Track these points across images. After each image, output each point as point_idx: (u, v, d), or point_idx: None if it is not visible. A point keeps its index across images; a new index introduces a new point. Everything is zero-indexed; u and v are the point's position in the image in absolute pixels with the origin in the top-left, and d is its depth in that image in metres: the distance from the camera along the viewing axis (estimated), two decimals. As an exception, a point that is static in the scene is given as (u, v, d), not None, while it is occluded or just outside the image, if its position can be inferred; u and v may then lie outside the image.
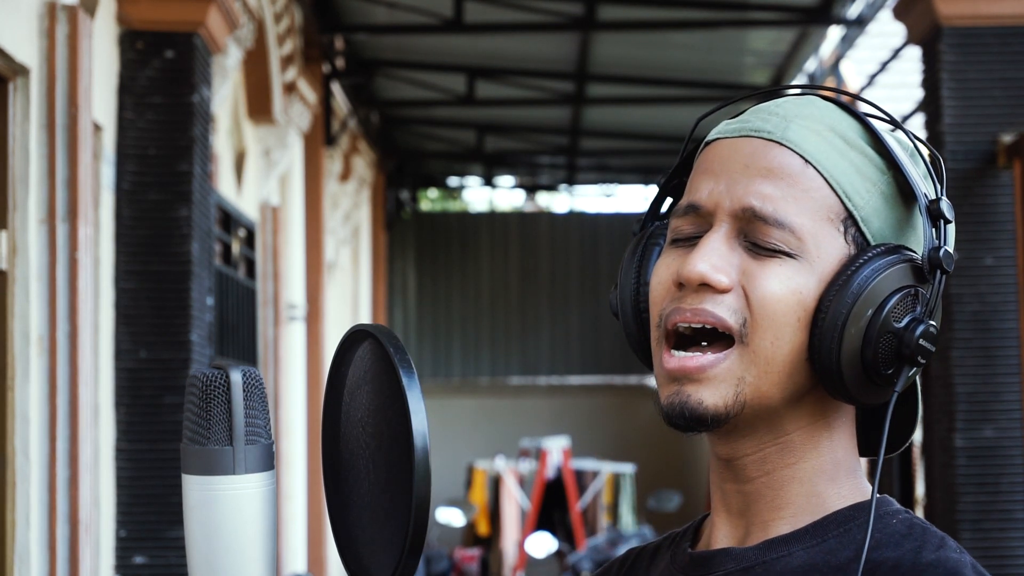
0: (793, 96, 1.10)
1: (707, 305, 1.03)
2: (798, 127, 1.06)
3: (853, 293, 1.01)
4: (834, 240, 1.04)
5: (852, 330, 1.01)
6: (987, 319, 5.08)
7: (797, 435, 1.06)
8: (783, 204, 1.03)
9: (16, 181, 3.85)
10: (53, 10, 4.00)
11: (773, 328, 1.02)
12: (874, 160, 1.06)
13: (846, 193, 1.04)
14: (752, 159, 1.05)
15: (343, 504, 1.04)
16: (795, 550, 1.05)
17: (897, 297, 1.02)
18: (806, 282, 1.03)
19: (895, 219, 1.06)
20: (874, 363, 1.02)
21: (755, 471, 1.07)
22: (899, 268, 1.03)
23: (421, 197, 16.63)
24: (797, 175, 1.04)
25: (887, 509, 1.07)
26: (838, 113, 1.07)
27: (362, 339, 1.03)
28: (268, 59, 6.85)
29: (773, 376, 1.03)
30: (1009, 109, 5.12)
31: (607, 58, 9.30)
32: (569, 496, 11.12)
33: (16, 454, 3.79)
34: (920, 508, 6.49)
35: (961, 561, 1.01)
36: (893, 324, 1.02)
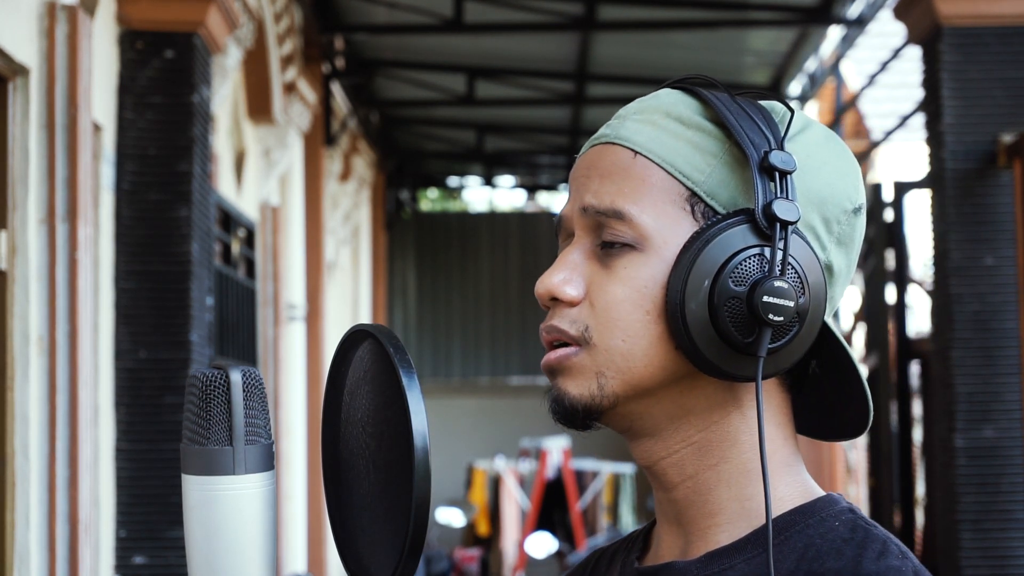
0: (650, 94, 1.10)
1: (554, 321, 1.05)
2: (632, 122, 1.07)
3: (685, 268, 1.00)
4: (683, 222, 1.03)
5: (692, 305, 1.00)
6: (987, 319, 5.07)
7: (711, 432, 1.05)
8: (616, 196, 1.04)
9: (16, 181, 3.85)
10: (53, 10, 4.00)
11: (620, 327, 1.03)
12: (713, 133, 1.04)
13: (682, 172, 1.03)
14: (591, 164, 1.07)
15: (343, 504, 1.04)
16: (736, 562, 1.03)
17: (736, 260, 1.00)
18: (653, 273, 1.02)
19: (745, 185, 1.03)
20: (727, 333, 1.00)
21: (675, 476, 1.06)
22: (735, 231, 1.00)
23: (421, 197, 16.64)
24: (629, 167, 1.05)
25: (831, 510, 1.04)
26: (677, 97, 1.07)
27: (362, 339, 1.03)
28: (268, 59, 6.85)
29: (639, 368, 1.03)
30: (1009, 109, 5.12)
31: (607, 58, 9.30)
32: (569, 496, 11.12)
33: (16, 454, 3.79)
34: (920, 508, 6.49)
35: (902, 570, 0.98)
36: (733, 288, 0.99)
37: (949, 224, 5.10)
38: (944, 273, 5.14)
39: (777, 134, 1.03)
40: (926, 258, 8.58)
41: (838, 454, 9.89)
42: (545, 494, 11.20)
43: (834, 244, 1.06)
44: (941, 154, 5.15)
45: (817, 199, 1.04)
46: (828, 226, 1.05)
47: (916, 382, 6.95)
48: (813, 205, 1.04)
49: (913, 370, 6.70)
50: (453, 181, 15.20)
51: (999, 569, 5.02)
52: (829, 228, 1.05)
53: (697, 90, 1.07)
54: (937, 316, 5.29)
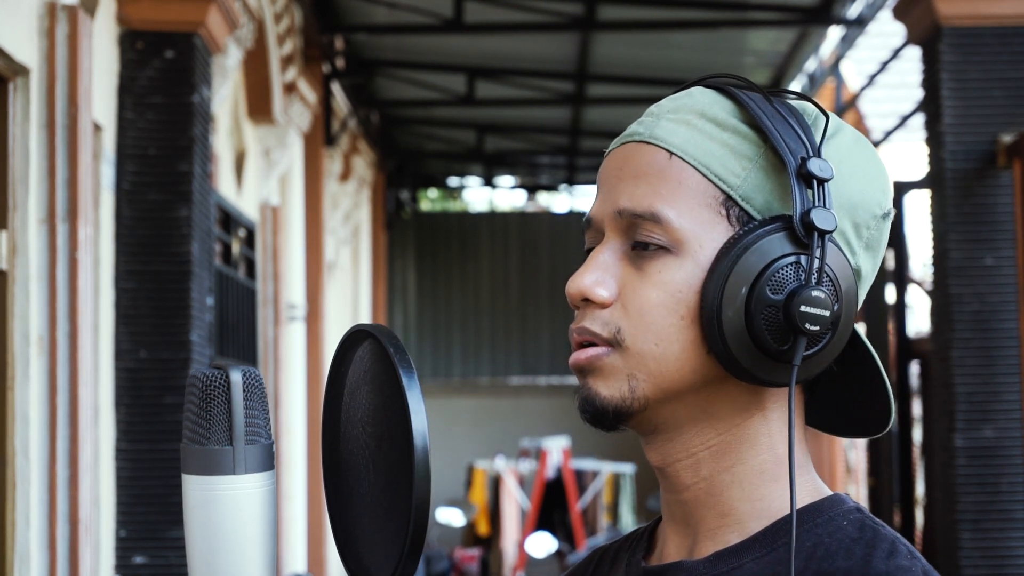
0: (681, 91, 1.09)
1: (586, 323, 1.04)
2: (667, 122, 1.06)
3: (723, 274, 1.00)
4: (717, 226, 1.02)
5: (729, 312, 1.00)
6: (987, 319, 5.07)
7: (731, 435, 1.05)
8: (654, 199, 1.03)
9: (16, 181, 3.85)
10: (53, 10, 4.00)
11: (653, 331, 1.02)
12: (749, 136, 1.04)
13: (717, 175, 1.03)
14: (624, 164, 1.06)
15: (343, 504, 1.04)
16: (745, 561, 1.03)
17: (774, 268, 1.00)
18: (687, 277, 1.02)
19: (782, 190, 1.03)
20: (763, 340, 1.00)
21: (690, 477, 1.06)
22: (772, 239, 1.00)
23: (421, 197, 16.63)
24: (664, 169, 1.04)
25: (838, 509, 1.04)
26: (711, 97, 1.07)
27: (362, 339, 1.03)
28: (268, 59, 6.85)
29: (671, 372, 1.02)
30: (1009, 109, 5.12)
31: (607, 58, 9.30)
32: (569, 496, 11.12)
33: (16, 454, 3.79)
34: (920, 508, 6.49)
35: (911, 570, 0.98)
36: (770, 296, 0.99)
37: (949, 224, 5.10)
38: (944, 273, 5.14)
39: (812, 140, 1.03)
40: (926, 258, 8.58)
41: (838, 454, 9.89)
42: (545, 494, 11.20)
43: (863, 249, 1.06)
44: (941, 154, 5.15)
45: (849, 204, 1.04)
46: (858, 231, 1.05)
47: (916, 382, 6.95)
48: (845, 211, 1.04)
49: (913, 370, 6.70)
50: (453, 181, 15.20)
51: (999, 569, 5.02)
52: (859, 233, 1.05)
53: (732, 91, 1.06)
54: (937, 316, 5.29)
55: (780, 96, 1.07)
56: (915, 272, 7.93)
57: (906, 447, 6.47)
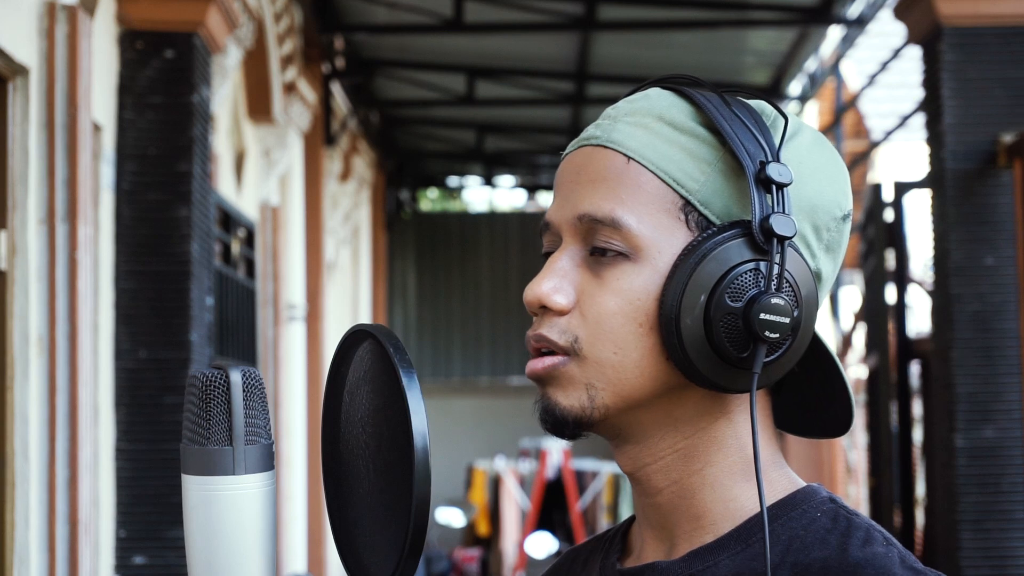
0: (638, 93, 1.08)
1: (543, 330, 1.03)
2: (624, 125, 1.04)
3: (681, 282, 0.99)
4: (676, 231, 1.01)
5: (688, 320, 0.99)
6: (987, 319, 5.07)
7: (698, 438, 1.04)
8: (613, 205, 1.02)
9: (16, 181, 3.85)
10: (53, 10, 4.00)
11: (612, 339, 1.01)
12: (707, 139, 1.02)
13: (676, 180, 1.01)
14: (582, 167, 1.05)
15: (343, 504, 1.04)
16: (721, 559, 1.03)
17: (733, 274, 0.99)
18: (646, 284, 1.01)
19: (740, 194, 1.02)
20: (723, 348, 0.99)
21: (660, 481, 1.05)
22: (731, 245, 0.99)
23: (421, 197, 16.64)
24: (622, 174, 1.03)
25: (812, 501, 1.04)
26: (669, 99, 1.05)
27: (362, 339, 1.03)
28: (268, 59, 6.85)
29: (631, 380, 1.02)
30: (1009, 109, 5.12)
31: (607, 58, 9.30)
32: (569, 496, 11.12)
33: (16, 454, 3.79)
34: (920, 508, 6.48)
35: (888, 556, 0.99)
36: (729, 304, 0.98)
37: (949, 224, 5.10)
38: (944, 273, 5.14)
39: (771, 143, 1.01)
40: (926, 258, 8.58)
41: (838, 454, 9.89)
42: (545, 494, 11.20)
43: (823, 251, 1.05)
44: (941, 154, 5.15)
45: (808, 207, 1.03)
46: (818, 234, 1.04)
47: (916, 382, 6.95)
48: (804, 213, 1.03)
49: (913, 370, 6.69)
50: (453, 181, 15.21)
51: (999, 569, 5.02)
52: (819, 236, 1.04)
53: (689, 92, 1.05)
54: (937, 316, 5.29)
55: (738, 96, 1.06)
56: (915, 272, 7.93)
57: (906, 447, 6.47)
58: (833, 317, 11.02)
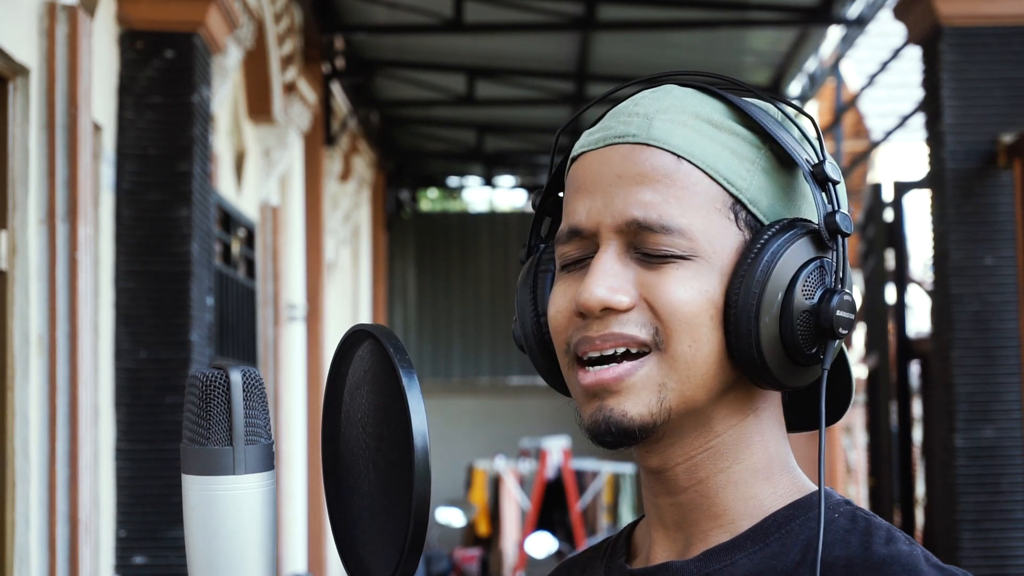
0: (648, 90, 1.06)
1: (614, 328, 1.00)
2: (662, 122, 1.02)
3: (759, 281, 0.98)
4: (727, 230, 1.00)
5: (766, 319, 0.98)
6: (987, 319, 5.07)
7: (728, 436, 1.03)
8: (666, 208, 1.00)
9: (16, 181, 3.85)
10: (53, 10, 4.00)
11: (689, 331, 0.99)
12: (747, 137, 1.02)
13: (727, 179, 1.01)
14: (623, 167, 1.01)
15: (343, 504, 1.04)
16: (738, 558, 1.02)
17: (804, 273, 0.99)
18: (708, 281, 1.00)
19: (782, 192, 1.02)
20: (796, 346, 0.99)
21: (687, 480, 1.04)
22: (799, 243, 0.99)
23: (421, 197, 16.64)
24: (673, 173, 1.00)
25: (827, 503, 1.03)
26: (697, 97, 1.04)
27: (362, 339, 1.02)
28: (268, 59, 6.85)
29: (697, 379, 1.00)
30: (1009, 109, 5.12)
31: (607, 58, 9.30)
32: (569, 496, 11.12)
33: (16, 454, 3.79)
34: (920, 508, 6.49)
35: (913, 554, 0.98)
36: (806, 302, 0.99)
37: (949, 224, 5.10)
38: (944, 273, 5.14)
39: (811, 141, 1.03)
40: (926, 258, 8.58)
41: (838, 454, 9.89)
42: (545, 494, 11.20)
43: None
44: (941, 154, 5.14)
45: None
46: None
47: (916, 382, 6.95)
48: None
49: (913, 370, 6.70)
50: (453, 181, 15.21)
51: (999, 569, 5.02)
52: None
53: (718, 91, 1.04)
54: (937, 316, 5.29)
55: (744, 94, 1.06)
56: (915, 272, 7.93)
57: (906, 447, 6.47)
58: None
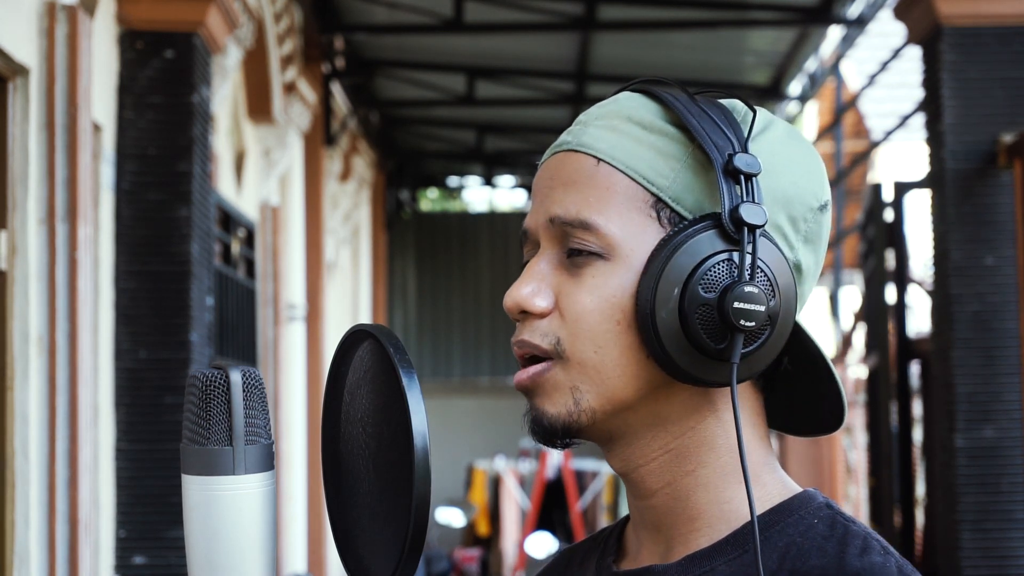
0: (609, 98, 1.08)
1: (524, 335, 1.05)
2: (594, 129, 1.05)
3: (654, 276, 1.00)
4: (649, 229, 1.02)
5: (663, 314, 0.99)
6: (987, 319, 5.07)
7: (688, 438, 1.04)
8: (583, 206, 1.02)
9: (16, 181, 3.85)
10: (53, 10, 4.00)
11: (591, 338, 1.02)
12: (675, 136, 1.03)
13: (645, 177, 1.02)
14: (555, 173, 1.06)
15: (343, 504, 1.04)
16: (717, 564, 1.02)
17: (705, 266, 0.99)
18: (621, 282, 1.01)
19: (711, 188, 1.02)
20: (699, 340, 0.99)
21: (653, 483, 1.05)
22: (702, 237, 1.00)
23: (421, 197, 16.64)
24: (592, 175, 1.03)
25: (808, 507, 1.03)
26: (638, 101, 1.06)
27: (362, 339, 1.03)
28: (268, 59, 6.85)
29: (614, 380, 1.02)
30: (1009, 109, 5.12)
31: (607, 58, 9.31)
32: (569, 496, 11.12)
33: (16, 454, 3.79)
34: (920, 508, 6.49)
35: (886, 566, 0.98)
36: (703, 295, 0.99)
37: (949, 224, 5.10)
38: (944, 273, 5.14)
39: (740, 135, 1.02)
40: (926, 258, 8.58)
41: (838, 454, 9.89)
42: (545, 494, 11.21)
43: (802, 243, 1.05)
44: (941, 154, 5.15)
45: (783, 199, 1.04)
46: (795, 225, 1.04)
47: (916, 382, 6.95)
48: (779, 205, 1.03)
49: (913, 370, 6.69)
50: (453, 181, 15.21)
51: (999, 569, 5.02)
52: (796, 227, 1.04)
53: (657, 92, 1.06)
54: (937, 316, 5.29)
55: (708, 94, 1.06)
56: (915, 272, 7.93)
57: (906, 447, 6.47)
58: (833, 317, 11.03)
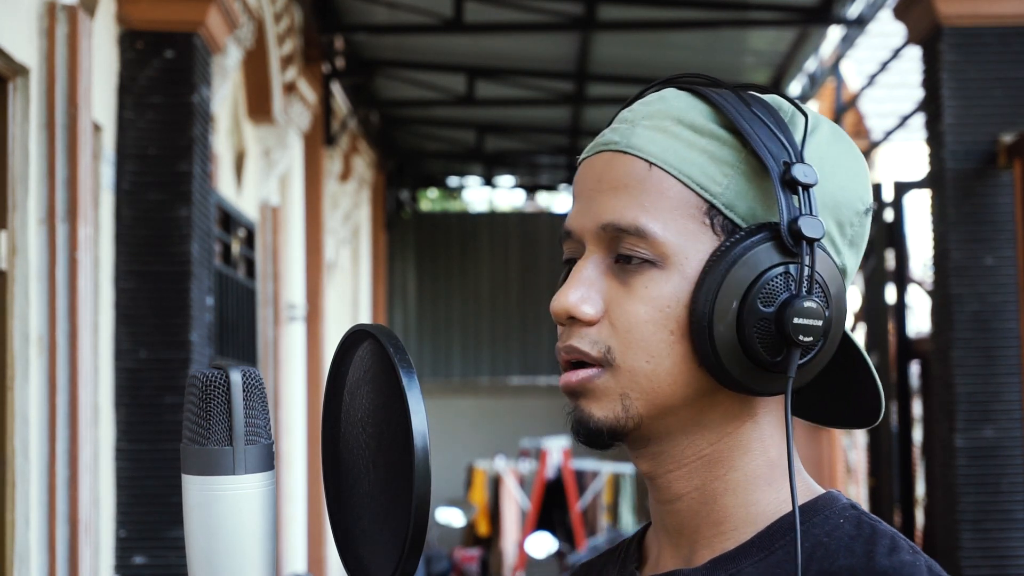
0: (650, 94, 1.07)
1: (573, 341, 1.03)
2: (643, 129, 1.03)
3: (712, 288, 0.98)
4: (702, 236, 1.01)
5: (720, 327, 0.98)
6: (987, 319, 5.07)
7: (724, 443, 1.03)
8: (637, 212, 1.01)
9: (16, 181, 3.84)
10: (53, 10, 4.00)
11: (644, 348, 1.01)
12: (728, 141, 1.01)
13: (699, 184, 1.01)
14: (603, 174, 1.04)
15: (343, 504, 1.04)
16: (743, 567, 1.02)
17: (764, 279, 0.98)
18: (675, 291, 1.00)
19: (764, 195, 1.01)
20: (756, 353, 0.98)
21: (682, 487, 1.05)
22: (760, 249, 0.98)
23: (421, 197, 16.64)
24: (644, 180, 1.02)
25: (834, 508, 1.03)
26: (687, 100, 1.04)
27: (362, 339, 1.02)
28: (268, 59, 6.85)
29: (664, 388, 1.01)
30: (1009, 109, 5.12)
31: (607, 58, 9.30)
32: (569, 496, 11.12)
33: (16, 454, 3.79)
34: (920, 508, 6.49)
35: (916, 564, 0.97)
36: (762, 309, 0.98)
37: (949, 224, 5.10)
38: (944, 273, 5.14)
39: (793, 142, 1.00)
40: (926, 258, 8.58)
41: (838, 454, 9.89)
42: (545, 494, 11.20)
43: (847, 247, 1.04)
44: (941, 154, 5.14)
45: (832, 204, 1.02)
46: (842, 230, 1.03)
47: (916, 382, 6.95)
48: (828, 210, 1.02)
49: (913, 370, 6.70)
50: (453, 181, 15.20)
51: (999, 569, 5.02)
52: (843, 232, 1.04)
53: (705, 92, 1.04)
54: (937, 316, 5.29)
55: (752, 93, 1.05)
56: (915, 272, 7.93)
57: (906, 447, 6.47)
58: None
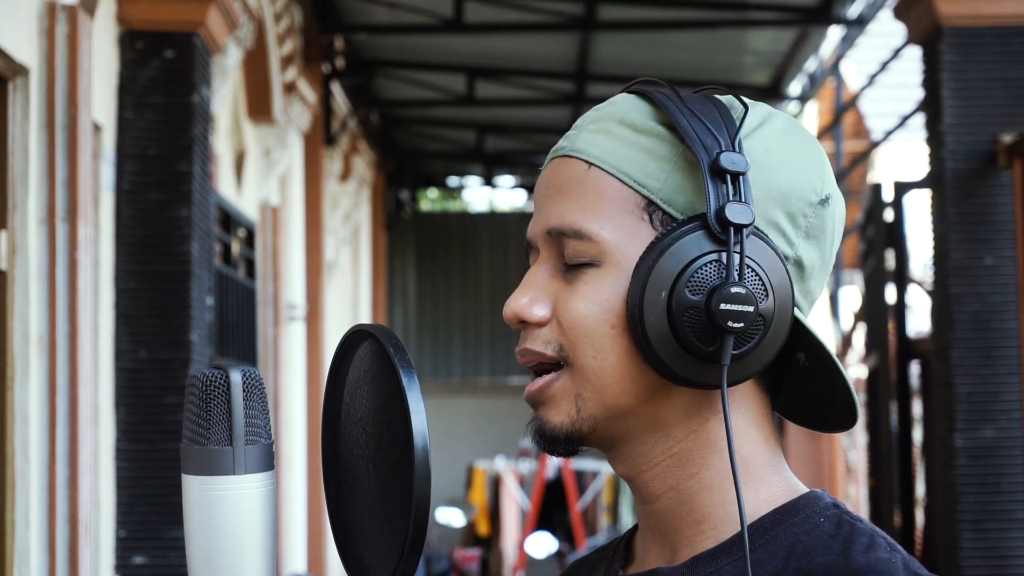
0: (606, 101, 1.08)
1: (527, 344, 1.05)
2: (587, 133, 1.05)
3: (641, 280, 0.99)
4: (642, 231, 1.02)
5: (651, 318, 0.99)
6: (987, 319, 5.07)
7: (691, 441, 1.04)
8: (576, 214, 1.02)
9: (16, 181, 3.85)
10: (53, 10, 4.00)
11: (589, 343, 1.01)
12: (666, 138, 1.02)
13: (636, 180, 1.02)
14: (550, 180, 1.06)
15: (343, 504, 1.04)
16: (722, 565, 1.02)
17: (692, 268, 0.99)
18: (614, 288, 1.01)
19: (702, 189, 1.01)
20: (689, 343, 0.99)
21: (658, 487, 1.05)
22: (689, 239, 0.99)
23: (421, 197, 16.63)
24: (583, 180, 1.03)
25: (815, 507, 1.03)
26: (631, 102, 1.05)
27: (362, 339, 1.03)
28: (268, 59, 6.85)
29: (613, 386, 1.02)
30: (1009, 109, 5.12)
31: (607, 58, 9.31)
32: (569, 496, 11.13)
33: (16, 454, 3.79)
34: (920, 508, 6.49)
35: (892, 562, 0.98)
36: (690, 298, 0.98)
37: (949, 224, 5.10)
38: (944, 273, 5.14)
39: (731, 134, 1.01)
40: (926, 258, 8.58)
41: (838, 454, 9.89)
42: (545, 494, 11.21)
43: (803, 238, 1.04)
44: (941, 154, 5.14)
45: (779, 195, 1.02)
46: (794, 221, 1.03)
47: (916, 382, 6.95)
48: (775, 201, 1.02)
49: (913, 370, 6.69)
50: (453, 181, 15.21)
51: (999, 569, 5.02)
52: (795, 223, 1.03)
53: (650, 93, 1.05)
54: (937, 316, 5.29)
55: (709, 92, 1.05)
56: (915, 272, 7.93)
57: (906, 447, 6.47)
58: (833, 317, 11.03)
